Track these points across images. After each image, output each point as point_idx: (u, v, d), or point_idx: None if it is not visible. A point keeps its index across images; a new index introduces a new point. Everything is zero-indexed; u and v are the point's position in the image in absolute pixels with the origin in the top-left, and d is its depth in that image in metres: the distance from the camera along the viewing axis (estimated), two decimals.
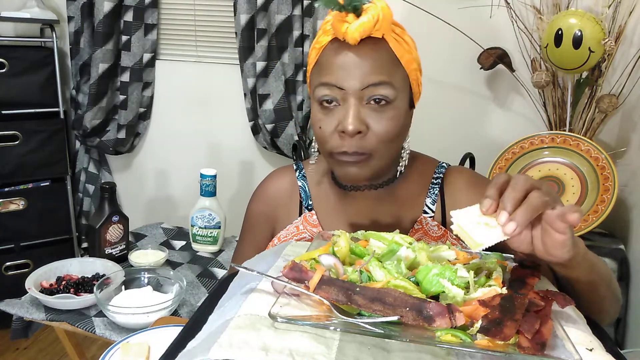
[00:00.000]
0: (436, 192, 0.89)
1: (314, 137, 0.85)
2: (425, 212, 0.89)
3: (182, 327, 0.64)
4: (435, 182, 0.90)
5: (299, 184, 0.96)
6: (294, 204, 0.95)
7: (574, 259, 0.58)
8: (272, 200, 0.97)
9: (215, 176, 1.60)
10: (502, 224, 0.54)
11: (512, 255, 0.67)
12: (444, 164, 0.93)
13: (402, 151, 0.87)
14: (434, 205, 0.89)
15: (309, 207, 0.93)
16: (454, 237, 0.86)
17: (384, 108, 0.76)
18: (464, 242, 0.58)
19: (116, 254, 1.47)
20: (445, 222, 0.89)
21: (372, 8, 0.74)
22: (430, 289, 0.56)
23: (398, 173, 0.89)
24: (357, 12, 0.74)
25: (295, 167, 0.99)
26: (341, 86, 0.76)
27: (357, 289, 0.54)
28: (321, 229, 0.90)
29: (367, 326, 0.51)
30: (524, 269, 0.62)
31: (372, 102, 0.76)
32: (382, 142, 0.77)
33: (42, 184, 2.27)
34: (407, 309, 0.51)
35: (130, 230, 1.59)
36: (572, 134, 1.59)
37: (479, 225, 0.56)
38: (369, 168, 0.79)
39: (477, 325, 0.50)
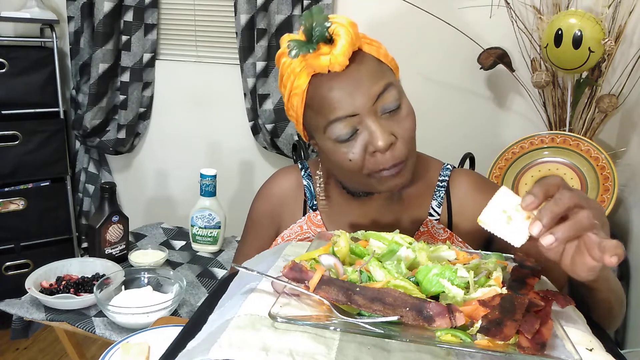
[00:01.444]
0: (442, 194, 0.89)
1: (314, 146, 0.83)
2: (431, 215, 0.88)
3: (182, 327, 0.64)
4: (441, 184, 0.89)
5: (304, 183, 0.95)
6: (298, 203, 0.94)
7: (596, 280, 0.57)
8: (277, 200, 0.96)
9: (215, 176, 1.60)
10: (536, 234, 0.52)
11: (512, 256, 0.67)
12: (448, 166, 0.92)
13: None
14: (439, 208, 0.89)
15: (314, 207, 0.93)
16: (460, 240, 0.86)
17: (397, 111, 0.76)
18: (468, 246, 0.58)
19: (116, 254, 1.47)
20: (451, 224, 0.88)
21: (339, 27, 0.72)
22: (430, 289, 0.56)
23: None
24: (328, 40, 0.72)
25: (300, 166, 0.98)
26: (353, 113, 0.74)
27: (357, 289, 0.54)
28: (325, 230, 0.90)
29: (367, 326, 0.51)
30: (524, 269, 0.62)
31: (387, 113, 0.75)
32: (409, 142, 0.77)
33: (42, 184, 2.27)
34: (407, 309, 0.51)
35: (130, 230, 1.59)
36: (572, 134, 1.59)
37: (506, 223, 0.55)
38: (408, 172, 0.79)
39: (477, 325, 0.50)
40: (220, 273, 1.49)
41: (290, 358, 0.46)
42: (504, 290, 0.55)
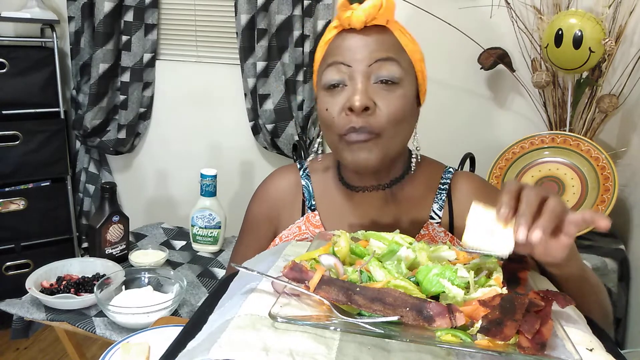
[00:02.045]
0: (443, 197, 0.88)
1: (318, 135, 0.84)
2: (432, 218, 0.88)
3: (182, 327, 0.64)
4: (442, 187, 0.89)
5: (303, 183, 0.94)
6: (296, 203, 0.93)
7: (567, 256, 0.60)
8: (275, 200, 0.95)
9: (215, 176, 1.60)
10: (520, 239, 0.55)
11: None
12: (450, 169, 0.92)
13: (412, 150, 0.87)
14: (440, 210, 0.88)
15: (312, 207, 0.92)
16: (461, 243, 0.86)
17: (391, 87, 0.77)
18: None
19: (116, 254, 1.47)
20: (452, 228, 0.88)
21: None
22: (430, 289, 0.56)
23: (407, 173, 0.88)
24: (361, 0, 0.77)
25: (299, 166, 0.97)
26: (348, 63, 0.77)
27: (357, 289, 0.54)
28: (324, 230, 0.89)
29: (367, 326, 0.51)
30: (513, 264, 0.63)
31: (380, 82, 0.77)
32: (390, 121, 0.76)
33: (42, 184, 2.27)
34: (407, 309, 0.51)
35: (130, 230, 1.59)
36: (572, 134, 1.59)
37: (490, 238, 0.58)
38: (378, 150, 0.77)
39: (477, 325, 0.51)
40: (220, 273, 1.49)
41: (291, 358, 0.46)
42: (504, 290, 0.55)
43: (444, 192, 0.89)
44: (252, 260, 0.74)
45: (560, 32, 1.50)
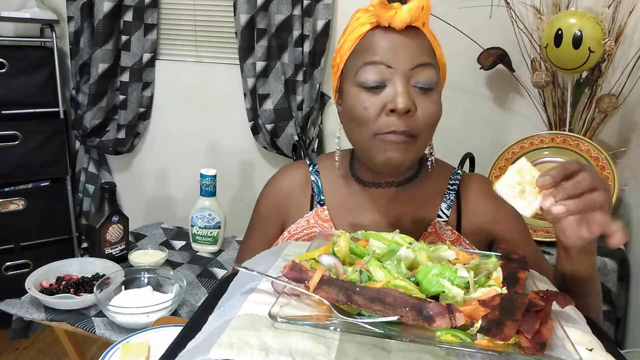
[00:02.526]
0: (452, 197, 0.89)
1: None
2: (439, 217, 0.89)
3: (182, 327, 0.64)
4: (451, 187, 0.90)
5: (312, 178, 0.95)
6: (305, 198, 0.94)
7: (582, 250, 0.61)
8: (284, 194, 0.96)
9: (215, 176, 1.60)
10: (545, 205, 0.57)
11: (500, 253, 0.68)
12: (459, 171, 0.93)
13: (430, 147, 0.88)
14: (448, 210, 0.89)
15: (321, 202, 0.93)
16: (467, 242, 0.87)
17: (428, 92, 0.78)
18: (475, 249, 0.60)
19: (116, 254, 1.47)
20: (460, 228, 0.89)
21: None
22: (430, 289, 0.56)
23: (419, 172, 0.90)
24: (403, 0, 0.77)
25: (308, 162, 0.98)
26: (390, 64, 0.76)
27: (357, 289, 0.54)
28: (332, 225, 0.89)
29: (367, 326, 0.51)
30: (512, 263, 0.63)
31: (418, 87, 0.77)
32: (427, 125, 0.78)
33: (42, 184, 2.27)
34: (407, 309, 0.51)
35: (130, 230, 1.58)
36: (572, 134, 1.59)
37: (518, 195, 0.59)
38: (412, 152, 0.79)
39: (477, 325, 0.50)
40: (220, 273, 1.49)
41: (290, 358, 0.46)
42: (504, 290, 0.55)
43: (452, 192, 0.90)
44: (252, 260, 0.74)
45: (559, 32, 1.51)
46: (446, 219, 0.89)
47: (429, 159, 0.90)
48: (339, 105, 0.87)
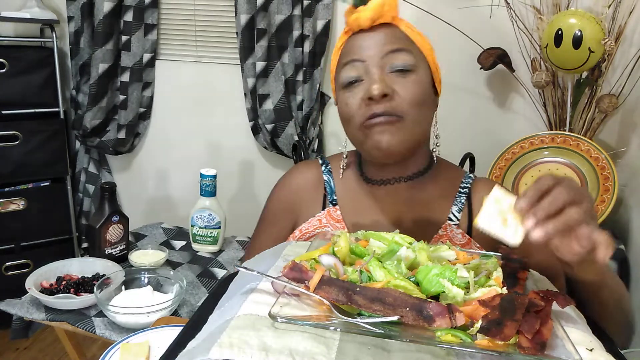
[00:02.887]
0: (463, 201, 0.90)
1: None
2: (450, 220, 0.89)
3: (182, 327, 0.64)
4: (462, 191, 0.91)
5: (325, 178, 0.95)
6: (318, 197, 0.94)
7: (580, 262, 0.58)
8: (297, 192, 0.96)
9: (215, 176, 1.60)
10: (528, 228, 0.54)
11: (500, 253, 0.68)
12: (470, 175, 0.94)
13: (435, 138, 0.91)
14: (459, 213, 0.89)
15: (334, 202, 0.93)
16: (478, 246, 0.86)
17: (407, 74, 0.80)
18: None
19: (116, 254, 1.47)
20: (470, 231, 0.89)
21: None
22: (430, 289, 0.56)
23: (429, 169, 0.90)
24: (365, 2, 0.81)
25: (321, 161, 0.98)
26: (362, 59, 0.80)
27: (357, 289, 0.54)
28: (345, 225, 0.89)
29: (367, 326, 0.51)
30: (513, 263, 0.63)
31: (395, 71, 0.79)
32: (410, 104, 0.79)
33: (42, 184, 2.27)
34: (407, 309, 0.51)
35: (130, 230, 1.59)
36: (572, 134, 1.59)
37: (502, 224, 0.57)
38: (401, 133, 0.79)
39: (477, 325, 0.50)
40: (220, 273, 1.49)
41: (290, 358, 0.46)
42: (504, 290, 0.55)
43: (463, 195, 0.90)
44: (252, 260, 0.74)
45: (560, 32, 1.51)
46: (457, 222, 0.89)
47: (436, 151, 0.92)
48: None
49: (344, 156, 0.94)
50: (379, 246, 0.66)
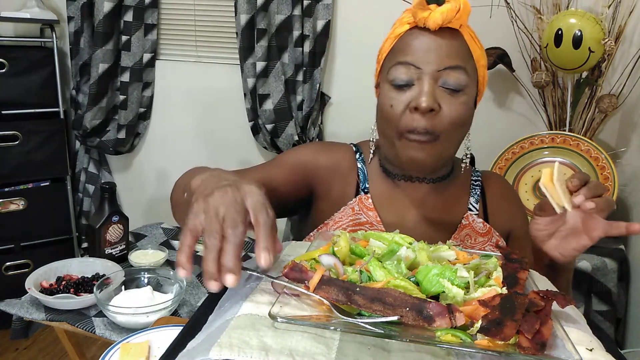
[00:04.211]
0: (478, 192, 0.94)
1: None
2: (470, 210, 0.92)
3: (182, 327, 0.64)
4: (475, 183, 0.95)
5: (359, 165, 0.94)
6: (351, 182, 0.92)
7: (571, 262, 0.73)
8: (334, 166, 0.92)
9: None
10: (578, 202, 0.66)
11: (500, 253, 0.69)
12: (476, 168, 0.99)
13: (465, 151, 0.92)
14: (477, 204, 0.93)
15: (366, 190, 0.92)
16: (497, 234, 0.91)
17: (456, 94, 0.79)
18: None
19: (116, 254, 1.47)
20: (487, 221, 0.93)
21: (454, 0, 0.78)
22: (430, 289, 0.56)
23: (451, 173, 0.93)
24: (440, 2, 0.78)
25: (354, 149, 0.96)
26: (418, 65, 0.78)
27: (357, 289, 0.54)
28: (377, 214, 0.89)
29: (367, 326, 0.51)
30: (513, 263, 0.63)
31: (446, 88, 0.79)
32: (451, 125, 0.79)
33: (42, 184, 2.27)
34: (407, 309, 0.51)
35: (130, 230, 1.59)
36: (572, 134, 1.59)
37: (554, 192, 0.68)
38: (435, 152, 0.80)
39: (477, 325, 0.50)
40: None
41: (290, 358, 0.46)
42: (504, 290, 0.55)
43: (477, 187, 0.95)
44: (252, 260, 0.74)
45: (559, 32, 1.51)
46: (476, 212, 0.93)
47: (464, 161, 0.93)
48: (378, 98, 0.88)
49: (372, 147, 0.93)
50: (378, 246, 0.66)
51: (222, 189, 0.55)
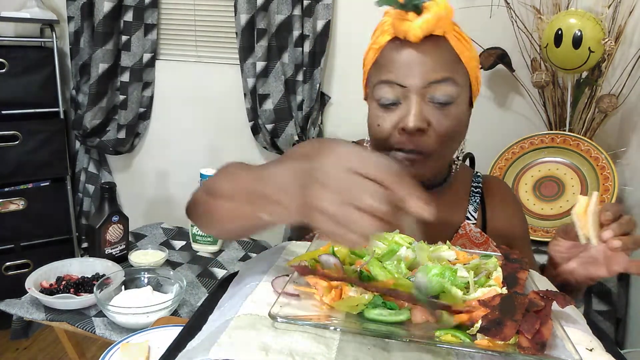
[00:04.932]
0: (477, 200, 0.91)
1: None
2: (468, 219, 0.89)
3: (182, 327, 0.64)
4: (475, 190, 0.91)
5: None
6: None
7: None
8: None
9: None
10: (605, 238, 0.66)
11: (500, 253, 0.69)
12: (478, 173, 0.95)
13: (459, 152, 0.88)
14: (475, 212, 0.90)
15: None
16: (494, 244, 0.87)
17: (445, 107, 0.76)
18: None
19: (116, 254, 1.47)
20: (485, 229, 0.90)
21: (434, 5, 0.73)
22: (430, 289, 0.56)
23: (446, 179, 0.89)
24: (418, 10, 0.73)
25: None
26: (402, 83, 0.75)
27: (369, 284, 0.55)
28: None
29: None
30: (513, 263, 0.63)
31: (434, 102, 0.75)
32: (442, 141, 0.76)
33: (42, 184, 2.27)
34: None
35: (130, 230, 1.58)
36: (572, 134, 1.59)
37: (585, 224, 0.68)
38: (426, 169, 0.78)
39: (477, 325, 0.50)
40: (220, 273, 1.49)
41: (290, 358, 0.46)
42: (504, 290, 0.55)
43: (477, 194, 0.91)
44: (252, 261, 0.74)
45: (559, 32, 1.51)
46: (474, 221, 0.90)
47: (455, 163, 0.90)
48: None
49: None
50: (378, 246, 0.66)
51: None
